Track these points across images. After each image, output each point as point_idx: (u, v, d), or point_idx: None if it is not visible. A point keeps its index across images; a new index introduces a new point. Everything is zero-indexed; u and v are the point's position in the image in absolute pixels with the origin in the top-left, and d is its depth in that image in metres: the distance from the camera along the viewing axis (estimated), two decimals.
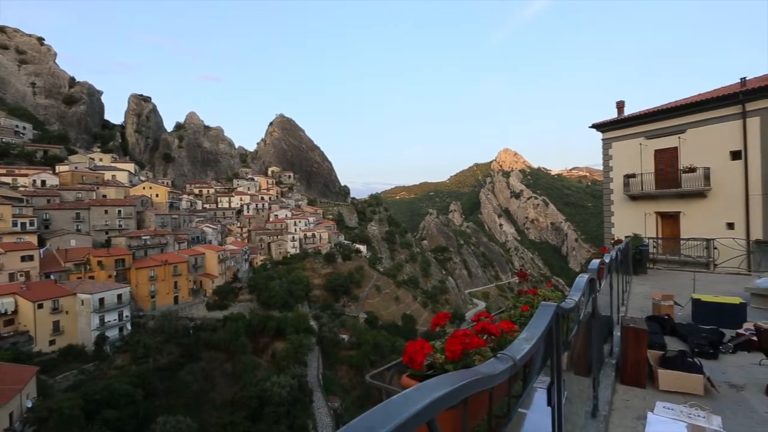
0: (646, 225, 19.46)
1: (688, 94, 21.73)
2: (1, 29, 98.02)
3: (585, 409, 3.62)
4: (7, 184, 56.40)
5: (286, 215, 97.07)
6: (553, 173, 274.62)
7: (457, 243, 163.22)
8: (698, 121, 18.00)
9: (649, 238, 17.97)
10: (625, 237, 14.64)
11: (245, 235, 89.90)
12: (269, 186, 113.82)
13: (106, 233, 58.93)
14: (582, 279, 3.02)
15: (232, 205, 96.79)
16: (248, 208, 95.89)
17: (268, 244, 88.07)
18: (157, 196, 74.27)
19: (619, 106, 22.19)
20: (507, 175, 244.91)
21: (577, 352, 3.46)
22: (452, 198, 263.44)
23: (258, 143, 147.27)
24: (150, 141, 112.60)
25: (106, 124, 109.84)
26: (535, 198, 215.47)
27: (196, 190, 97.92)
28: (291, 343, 52.36)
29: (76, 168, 68.27)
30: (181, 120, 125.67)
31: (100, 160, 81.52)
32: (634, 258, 13.63)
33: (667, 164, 19.02)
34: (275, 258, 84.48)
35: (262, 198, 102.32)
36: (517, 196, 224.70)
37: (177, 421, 34.91)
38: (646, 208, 19.85)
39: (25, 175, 60.21)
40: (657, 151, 19.43)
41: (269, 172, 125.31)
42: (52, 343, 42.66)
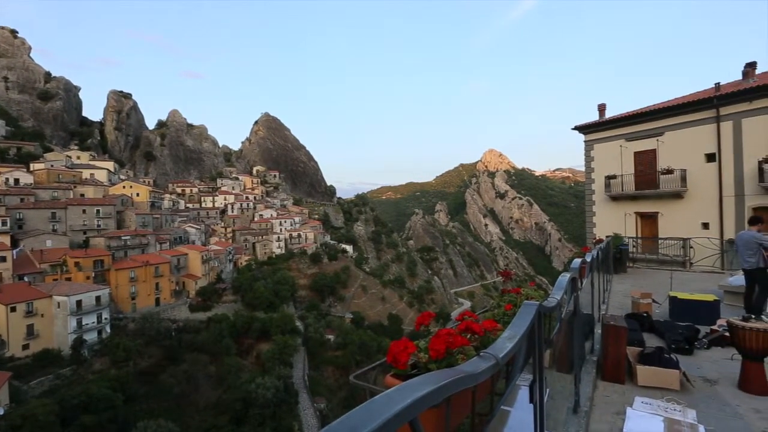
0: (626, 225, 19.96)
1: (667, 97, 22.30)
2: None
3: (567, 406, 3.68)
4: None
5: (272, 215, 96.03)
6: (537, 174, 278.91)
7: (443, 243, 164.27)
8: (675, 125, 18.57)
9: (629, 238, 18.45)
10: (606, 237, 14.98)
11: (229, 235, 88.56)
12: (254, 185, 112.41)
13: (84, 233, 57.22)
14: (564, 278, 3.08)
15: (216, 205, 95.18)
16: (233, 208, 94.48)
17: (253, 244, 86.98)
18: (138, 195, 72.47)
19: (601, 108, 22.70)
20: (492, 175, 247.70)
21: (560, 349, 3.53)
22: (438, 198, 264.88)
23: (243, 142, 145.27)
24: (131, 139, 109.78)
25: (84, 121, 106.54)
26: (520, 198, 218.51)
27: (179, 190, 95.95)
28: (276, 344, 51.83)
29: (52, 166, 66.02)
30: (164, 118, 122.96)
31: (78, 158, 79.03)
32: (615, 257, 13.96)
33: (646, 166, 19.56)
34: (260, 258, 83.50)
35: (247, 198, 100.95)
36: (502, 196, 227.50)
37: (158, 425, 34.15)
38: (626, 208, 20.36)
39: None
40: (636, 153, 19.95)
41: (254, 172, 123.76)
42: (25, 347, 41.17)
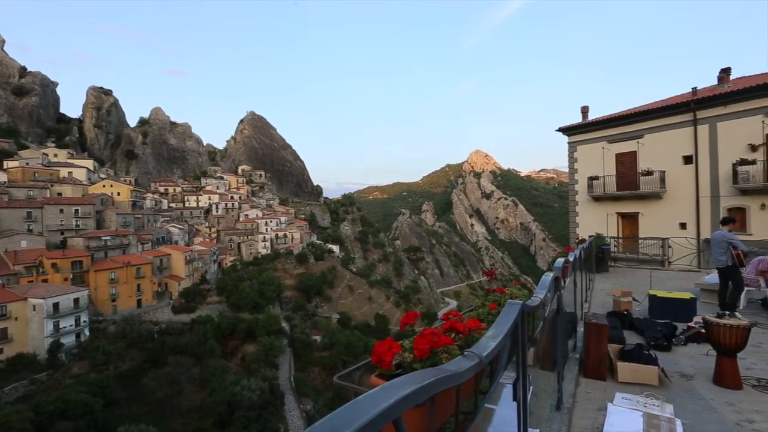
0: (608, 225, 20.42)
1: (650, 99, 22.89)
2: None
3: (550, 403, 3.74)
4: None
5: (257, 215, 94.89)
6: (522, 174, 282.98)
7: (430, 243, 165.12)
8: (655, 127, 19.08)
9: (611, 238, 18.88)
10: (589, 236, 15.28)
11: (214, 236, 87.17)
12: (239, 185, 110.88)
13: (62, 234, 55.52)
14: (547, 277, 3.12)
15: (200, 205, 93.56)
16: (217, 208, 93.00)
17: (238, 244, 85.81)
18: (119, 194, 70.73)
19: (584, 111, 23.15)
20: (478, 176, 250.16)
21: (543, 347, 3.58)
22: (425, 198, 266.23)
23: (228, 141, 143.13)
24: (111, 137, 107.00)
25: (62, 118, 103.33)
26: (505, 199, 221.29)
27: (162, 189, 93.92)
28: (262, 346, 51.23)
29: (28, 164, 63.88)
30: (146, 115, 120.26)
31: (55, 156, 76.68)
32: (597, 256, 14.26)
33: (627, 167, 20.05)
34: (245, 259, 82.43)
35: (232, 197, 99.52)
36: (487, 196, 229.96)
37: (140, 430, 33.37)
38: (608, 208, 20.83)
39: None
40: (618, 155, 20.43)
41: (239, 171, 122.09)
42: None
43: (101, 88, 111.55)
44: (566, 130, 22.85)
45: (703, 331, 5.65)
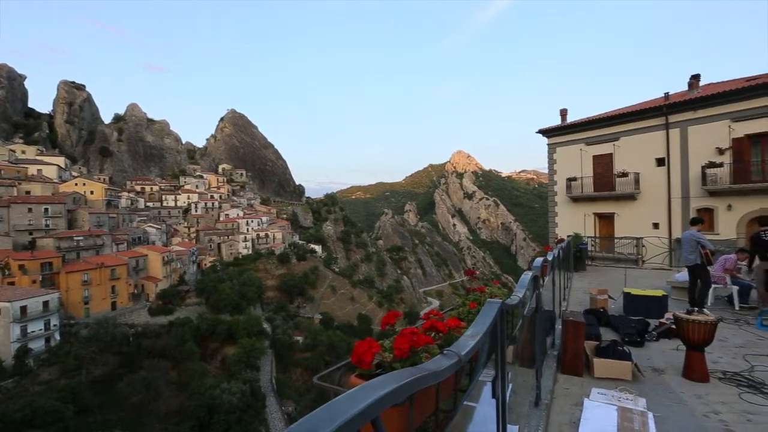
0: (585, 225, 20.96)
1: (627, 103, 23.63)
2: None
3: (529, 399, 3.81)
4: None
5: (238, 214, 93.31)
6: (503, 175, 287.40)
7: (412, 243, 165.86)
8: (630, 130, 19.70)
9: (588, 237, 19.40)
10: (567, 236, 15.65)
11: (193, 236, 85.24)
12: (220, 184, 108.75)
13: (30, 234, 53.16)
14: (526, 276, 3.18)
15: (179, 204, 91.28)
16: (196, 207, 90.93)
17: (218, 244, 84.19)
18: (92, 193, 68.26)
19: (563, 113, 23.69)
20: (460, 176, 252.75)
21: (522, 345, 3.64)
22: (407, 198, 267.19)
23: (207, 139, 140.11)
24: (84, 133, 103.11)
25: (31, 113, 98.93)
26: (487, 199, 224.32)
27: (138, 188, 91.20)
28: (242, 348, 50.39)
29: None
30: (121, 111, 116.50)
31: (23, 153, 73.40)
32: (575, 256, 14.61)
33: (603, 169, 20.63)
34: (226, 259, 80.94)
35: (212, 196, 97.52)
36: (469, 196, 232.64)
37: None
38: (586, 209, 21.38)
39: None
40: (595, 157, 21.00)
41: (220, 170, 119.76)
42: None
43: (73, 83, 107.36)
44: (546, 132, 23.34)
45: (674, 327, 5.87)
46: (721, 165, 16.51)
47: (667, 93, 19.98)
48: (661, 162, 18.59)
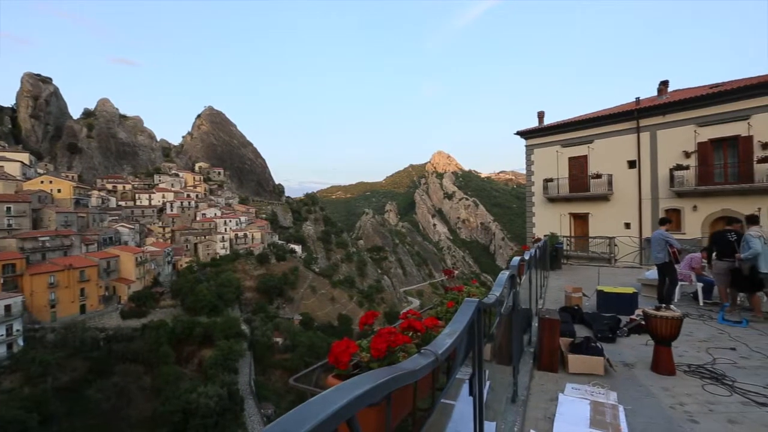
0: (561, 225, 21.53)
1: (604, 105, 24.32)
2: None
3: (506, 396, 3.88)
4: None
5: (215, 214, 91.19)
6: (482, 176, 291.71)
7: (393, 242, 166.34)
8: (603, 133, 20.37)
9: (564, 237, 19.91)
10: (544, 236, 16.04)
11: (168, 236, 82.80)
12: (196, 183, 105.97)
13: None
14: (503, 275, 3.24)
15: (153, 203, 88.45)
16: (172, 206, 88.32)
17: (195, 245, 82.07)
18: (60, 191, 65.31)
19: (540, 116, 24.25)
20: (441, 176, 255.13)
21: (500, 343, 3.71)
22: (388, 198, 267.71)
23: (183, 137, 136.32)
24: (51, 128, 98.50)
25: None
26: (467, 199, 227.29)
27: (110, 186, 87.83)
28: (220, 350, 49.31)
29: None
30: (91, 107, 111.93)
31: None
32: (551, 255, 14.98)
33: (578, 170, 21.24)
34: (203, 260, 78.99)
35: (188, 195, 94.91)
36: (449, 197, 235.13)
37: None
38: (562, 209, 21.96)
39: None
40: (571, 159, 21.60)
41: (196, 168, 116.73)
42: None
43: (39, 75, 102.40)
44: (524, 134, 23.85)
45: (644, 323, 6.10)
46: (687, 168, 17.29)
47: (638, 98, 20.75)
48: (632, 164, 19.30)
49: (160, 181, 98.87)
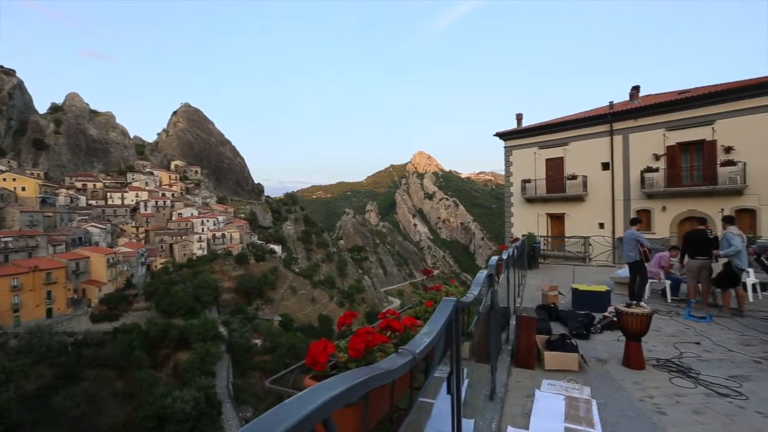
0: (538, 225, 22.03)
1: (583, 107, 25.01)
2: None
3: (484, 393, 3.94)
4: None
5: (192, 214, 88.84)
6: (462, 176, 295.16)
7: (374, 242, 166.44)
8: (578, 136, 20.96)
9: (541, 237, 20.39)
10: (522, 236, 16.38)
11: (142, 236, 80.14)
12: (172, 181, 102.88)
13: None
14: (482, 274, 3.29)
15: (126, 202, 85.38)
16: (146, 206, 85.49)
17: (171, 245, 79.76)
18: (24, 189, 62.30)
19: (518, 118, 24.74)
20: (421, 176, 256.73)
21: (478, 341, 3.76)
22: (369, 198, 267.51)
23: (159, 134, 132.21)
24: (14, 123, 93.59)
25: None
26: (447, 199, 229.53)
27: (79, 184, 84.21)
28: (196, 353, 48.09)
29: None
30: (59, 101, 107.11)
31: None
32: (529, 254, 15.31)
33: (555, 172, 21.79)
34: (179, 260, 76.85)
35: (164, 194, 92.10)
36: (430, 197, 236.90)
37: None
38: (539, 209, 22.47)
39: None
40: (548, 160, 22.12)
41: (172, 167, 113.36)
42: None
43: (1, 67, 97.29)
44: (503, 135, 24.27)
45: (615, 319, 6.31)
46: (657, 170, 18.00)
47: (612, 102, 21.46)
48: (606, 166, 19.95)
49: (133, 179, 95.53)
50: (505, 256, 5.99)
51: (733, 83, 17.28)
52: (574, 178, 20.66)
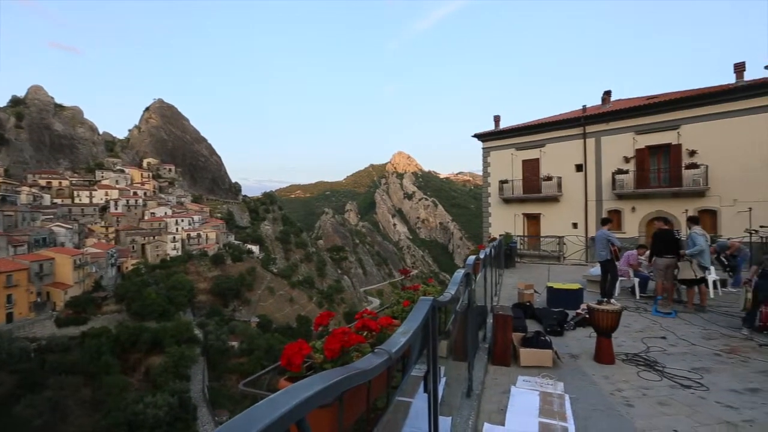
0: (515, 224, 22.51)
1: (560, 110, 25.66)
2: None
3: (462, 391, 3.99)
4: None
5: (166, 213, 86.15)
6: (442, 176, 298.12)
7: (353, 242, 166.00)
8: (553, 138, 21.54)
9: (518, 236, 20.86)
10: (499, 235, 16.70)
11: (112, 236, 77.08)
12: (144, 180, 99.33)
13: None
14: (459, 273, 3.33)
15: (95, 201, 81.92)
16: (116, 205, 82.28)
17: (143, 245, 77.10)
18: None
19: (496, 119, 25.21)
20: (401, 176, 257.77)
21: (456, 340, 3.81)
22: (348, 198, 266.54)
23: (130, 130, 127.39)
24: None
25: None
26: (426, 199, 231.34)
27: (43, 182, 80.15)
28: (170, 357, 46.64)
29: None
30: (21, 94, 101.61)
31: None
32: (506, 254, 15.63)
33: (531, 173, 22.33)
34: (151, 261, 74.34)
35: (135, 193, 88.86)
36: (409, 197, 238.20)
37: None
38: (516, 210, 22.97)
39: None
40: (524, 161, 22.65)
41: (145, 164, 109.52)
42: None
43: None
44: (481, 137, 24.68)
45: (588, 316, 6.52)
46: (627, 172, 18.72)
47: (585, 106, 22.16)
48: (579, 168, 20.59)
49: (102, 177, 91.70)
50: (482, 256, 6.10)
51: (697, 90, 18.18)
52: (550, 179, 21.23)
